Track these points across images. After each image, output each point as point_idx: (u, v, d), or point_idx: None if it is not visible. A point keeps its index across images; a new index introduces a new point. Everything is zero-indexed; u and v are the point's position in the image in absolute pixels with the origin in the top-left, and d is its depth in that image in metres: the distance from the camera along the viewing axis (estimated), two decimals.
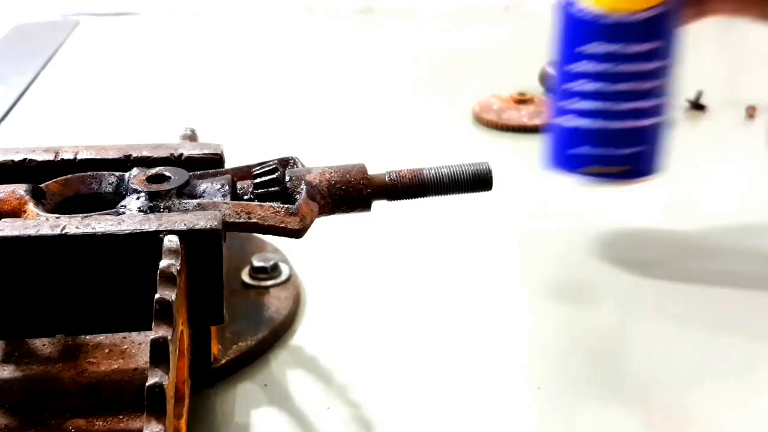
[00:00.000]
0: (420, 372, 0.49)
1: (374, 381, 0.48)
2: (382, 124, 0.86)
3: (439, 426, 0.45)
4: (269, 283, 0.54)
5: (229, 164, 0.48)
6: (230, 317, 0.47)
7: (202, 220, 0.38)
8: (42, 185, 0.43)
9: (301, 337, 0.51)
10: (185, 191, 0.41)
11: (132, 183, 0.41)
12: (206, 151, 0.47)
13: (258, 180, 0.41)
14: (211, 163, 0.47)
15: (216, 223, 0.38)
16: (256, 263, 0.55)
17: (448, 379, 0.48)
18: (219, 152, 0.47)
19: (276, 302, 0.53)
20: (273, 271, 0.55)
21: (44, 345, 0.46)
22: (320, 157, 0.47)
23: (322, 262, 0.58)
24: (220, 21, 1.25)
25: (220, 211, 0.39)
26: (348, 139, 0.82)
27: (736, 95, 0.89)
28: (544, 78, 0.86)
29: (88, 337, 0.47)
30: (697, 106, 0.87)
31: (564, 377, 0.48)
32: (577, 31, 0.53)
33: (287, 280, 0.55)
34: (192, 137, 0.52)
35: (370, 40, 1.20)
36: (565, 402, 0.46)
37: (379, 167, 0.44)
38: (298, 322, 0.52)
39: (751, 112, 0.84)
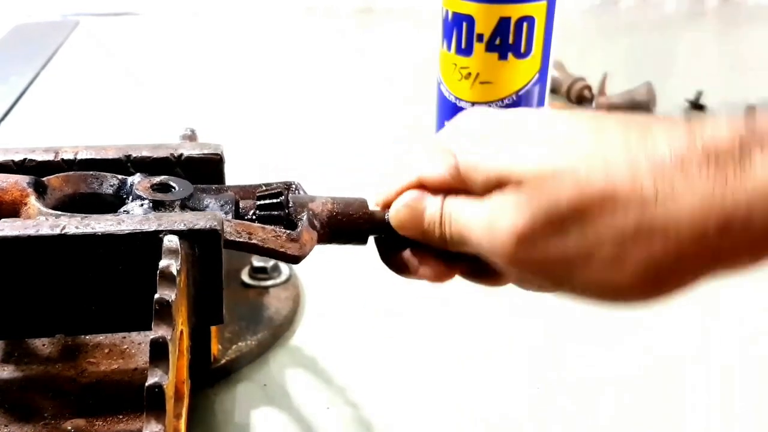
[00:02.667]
0: (419, 372, 0.49)
1: (374, 381, 0.48)
2: (382, 124, 0.86)
3: (439, 426, 0.45)
4: (269, 283, 0.54)
5: (229, 164, 0.48)
6: (230, 317, 0.47)
7: (201, 220, 0.38)
8: (44, 179, 0.43)
9: (300, 337, 0.51)
10: (189, 204, 0.41)
11: (136, 189, 0.41)
12: (206, 152, 0.47)
13: (262, 202, 0.41)
14: (211, 163, 0.47)
15: (215, 224, 0.38)
16: (256, 263, 0.55)
17: (448, 379, 0.48)
18: (219, 152, 0.47)
19: (276, 302, 0.53)
20: (273, 271, 0.55)
21: (44, 345, 0.46)
22: (318, 156, 0.47)
23: (321, 262, 0.58)
24: (220, 21, 1.25)
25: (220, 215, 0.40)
26: (347, 139, 0.82)
27: (735, 95, 0.89)
28: None
29: (88, 337, 0.47)
30: (696, 106, 0.87)
31: (564, 377, 0.48)
32: (445, 108, 0.64)
33: (287, 281, 0.55)
34: (192, 137, 0.51)
35: (369, 40, 1.20)
36: (565, 402, 0.46)
37: (378, 168, 0.44)
38: (297, 323, 0.52)
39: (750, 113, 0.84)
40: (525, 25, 0.56)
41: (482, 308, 0.55)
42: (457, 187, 0.36)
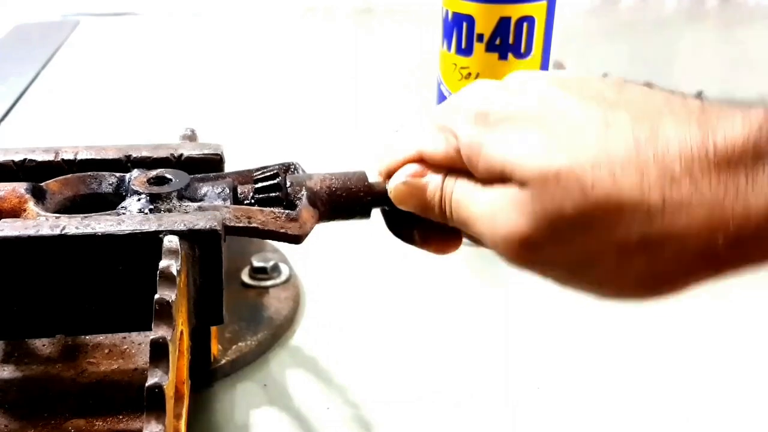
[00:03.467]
0: (419, 372, 0.49)
1: (374, 381, 0.48)
2: (382, 124, 0.86)
3: (439, 426, 0.45)
4: (269, 283, 0.54)
5: (229, 164, 0.48)
6: (230, 317, 0.47)
7: (201, 221, 0.38)
8: (42, 184, 0.43)
9: (300, 337, 0.51)
10: (186, 194, 0.41)
11: (133, 185, 0.41)
12: (206, 152, 0.47)
13: (259, 185, 0.41)
14: (211, 163, 0.47)
15: (215, 224, 0.38)
16: (256, 263, 0.55)
17: (448, 379, 0.48)
18: (219, 152, 0.47)
19: (276, 302, 0.53)
20: (273, 271, 0.55)
21: (44, 345, 0.46)
22: (319, 157, 0.47)
23: (321, 262, 0.58)
24: (221, 22, 1.25)
25: (220, 213, 0.39)
26: (347, 140, 0.82)
27: (735, 95, 0.89)
28: None
29: (88, 337, 0.47)
30: None
31: (564, 377, 0.48)
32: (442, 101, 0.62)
33: (287, 281, 0.55)
34: (192, 137, 0.52)
35: (369, 40, 1.20)
36: (565, 402, 0.46)
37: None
38: (297, 323, 0.52)
39: None
40: (525, 25, 0.56)
41: (483, 309, 0.55)
42: (458, 165, 0.36)
